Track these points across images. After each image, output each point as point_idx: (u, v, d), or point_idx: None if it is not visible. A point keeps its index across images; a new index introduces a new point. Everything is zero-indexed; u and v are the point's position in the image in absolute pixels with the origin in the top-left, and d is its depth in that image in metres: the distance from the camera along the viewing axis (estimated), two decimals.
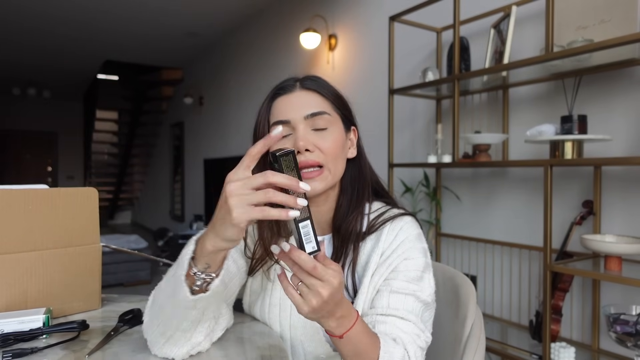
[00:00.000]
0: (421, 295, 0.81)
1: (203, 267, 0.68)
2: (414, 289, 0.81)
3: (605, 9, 1.58)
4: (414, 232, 0.87)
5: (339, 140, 0.85)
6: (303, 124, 0.82)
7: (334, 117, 0.86)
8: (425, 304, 0.82)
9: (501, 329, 2.02)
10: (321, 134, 0.83)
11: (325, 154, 0.82)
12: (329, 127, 0.84)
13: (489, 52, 1.99)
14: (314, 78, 0.89)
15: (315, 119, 0.83)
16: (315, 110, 0.84)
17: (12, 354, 0.74)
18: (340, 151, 0.85)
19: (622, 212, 1.68)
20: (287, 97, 0.86)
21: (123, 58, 6.66)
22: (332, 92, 0.88)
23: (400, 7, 2.37)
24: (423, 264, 0.84)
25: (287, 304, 0.87)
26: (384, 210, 0.90)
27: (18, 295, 0.91)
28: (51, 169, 9.98)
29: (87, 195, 1.01)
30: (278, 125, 0.83)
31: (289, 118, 0.83)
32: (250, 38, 4.93)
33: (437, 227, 2.36)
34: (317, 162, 0.81)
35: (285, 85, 0.87)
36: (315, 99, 0.85)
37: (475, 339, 0.91)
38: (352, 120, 0.92)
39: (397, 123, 2.59)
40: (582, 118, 1.59)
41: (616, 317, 1.37)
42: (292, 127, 0.83)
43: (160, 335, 0.73)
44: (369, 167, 0.94)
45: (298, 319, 0.86)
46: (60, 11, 4.66)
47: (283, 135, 0.83)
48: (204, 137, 6.24)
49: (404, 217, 0.89)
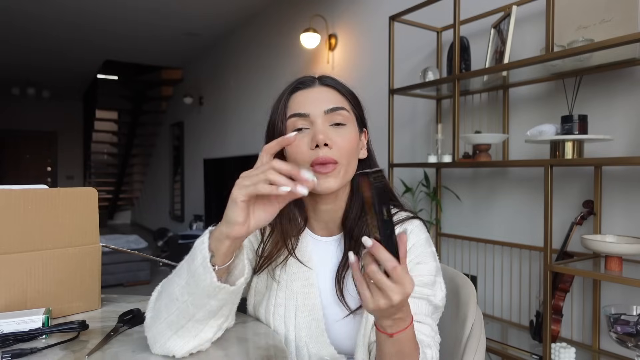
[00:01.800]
0: (434, 300, 0.82)
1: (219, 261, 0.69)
2: (427, 293, 0.81)
3: (606, 9, 1.58)
4: (423, 235, 0.87)
5: (354, 138, 0.85)
6: (322, 119, 0.83)
7: (351, 115, 0.87)
8: (435, 308, 0.83)
9: (501, 329, 2.02)
10: (338, 130, 0.83)
11: (341, 150, 0.82)
12: (347, 124, 0.85)
13: (489, 52, 1.99)
14: (332, 77, 0.90)
15: (334, 114, 0.84)
16: (335, 105, 0.84)
17: (11, 354, 0.73)
18: (354, 150, 0.86)
19: (623, 212, 1.68)
20: (307, 91, 0.86)
21: (123, 58, 6.66)
22: (349, 91, 0.90)
23: (400, 7, 2.36)
24: (435, 268, 0.85)
25: (292, 305, 0.87)
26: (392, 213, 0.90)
27: (17, 295, 0.91)
28: (51, 169, 9.97)
29: (86, 195, 1.01)
30: (296, 117, 0.84)
31: (308, 112, 0.83)
32: (250, 38, 4.93)
33: (437, 227, 2.36)
34: (333, 159, 0.81)
35: (305, 80, 0.89)
36: (334, 95, 0.86)
37: (476, 339, 0.91)
38: (365, 122, 0.93)
39: (397, 123, 2.59)
40: (583, 118, 1.59)
41: (617, 317, 1.36)
42: (310, 121, 0.83)
43: (169, 327, 0.71)
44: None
45: (303, 320, 0.86)
46: (60, 11, 4.66)
47: (299, 127, 0.84)
48: (203, 137, 6.24)
49: (413, 221, 0.89)
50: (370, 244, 0.59)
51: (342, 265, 0.87)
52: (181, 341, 0.72)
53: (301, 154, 0.82)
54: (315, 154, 0.80)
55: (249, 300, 0.94)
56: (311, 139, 0.81)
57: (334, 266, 0.89)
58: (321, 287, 0.88)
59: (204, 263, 0.67)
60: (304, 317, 0.86)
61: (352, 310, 0.85)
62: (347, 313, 0.85)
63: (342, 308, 0.85)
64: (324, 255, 0.91)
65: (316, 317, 0.85)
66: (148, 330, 0.74)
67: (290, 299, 0.87)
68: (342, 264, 0.87)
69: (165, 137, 8.13)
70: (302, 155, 0.82)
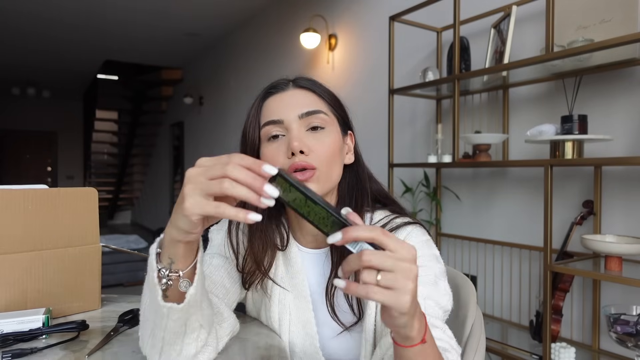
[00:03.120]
0: (440, 302, 0.75)
1: (167, 263, 0.59)
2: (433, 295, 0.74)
3: (606, 9, 1.58)
4: (419, 239, 0.80)
5: (335, 142, 0.79)
6: (297, 124, 0.77)
7: (331, 118, 0.81)
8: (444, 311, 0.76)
9: (501, 329, 2.02)
10: (316, 134, 0.77)
11: (320, 156, 0.76)
12: (325, 127, 0.79)
13: (489, 52, 1.99)
14: (308, 77, 0.84)
15: (311, 118, 0.77)
16: (310, 108, 0.78)
17: (11, 354, 0.73)
18: (336, 154, 0.79)
19: (623, 212, 1.68)
20: (280, 96, 0.80)
21: (123, 58, 6.66)
22: (328, 92, 0.83)
23: (401, 7, 2.36)
24: (437, 270, 0.77)
25: (286, 319, 0.84)
26: (386, 222, 0.83)
27: (17, 295, 0.91)
28: (51, 169, 9.97)
29: (86, 195, 1.01)
30: (270, 125, 0.78)
31: (281, 117, 0.77)
32: (250, 38, 4.93)
33: (437, 227, 2.36)
34: (311, 165, 0.74)
35: (278, 84, 0.82)
36: (310, 98, 0.80)
37: (476, 339, 0.91)
38: (349, 124, 0.87)
39: (397, 123, 2.59)
40: (583, 118, 1.59)
41: (616, 317, 1.36)
42: (285, 127, 0.77)
43: (152, 348, 0.65)
44: (367, 174, 0.88)
45: (296, 336, 0.83)
46: (60, 12, 4.66)
47: (273, 135, 0.78)
48: (203, 137, 6.24)
49: (406, 227, 0.81)
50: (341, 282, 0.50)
51: (331, 282, 0.81)
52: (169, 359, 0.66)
53: (278, 163, 0.75)
54: (292, 161, 0.75)
55: (248, 308, 0.93)
56: (287, 147, 0.75)
57: (324, 280, 0.84)
58: (315, 300, 0.84)
59: (151, 278, 0.59)
60: (298, 332, 0.83)
61: (346, 327, 0.80)
62: (342, 330, 0.81)
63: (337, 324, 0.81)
64: (314, 268, 0.85)
65: (310, 333, 0.82)
66: (142, 350, 0.69)
67: (284, 313, 0.84)
68: (330, 280, 0.82)
69: (165, 137, 8.13)
70: (279, 164, 0.75)
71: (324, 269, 0.85)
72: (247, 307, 0.93)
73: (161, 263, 0.59)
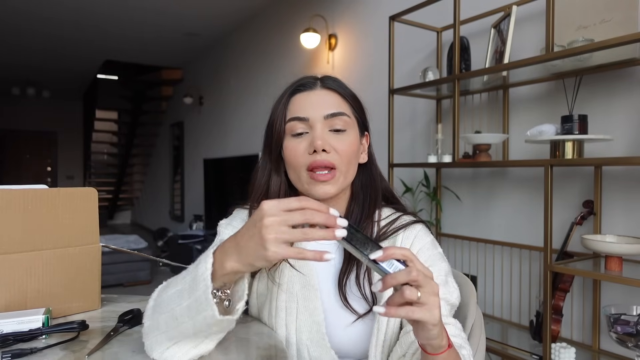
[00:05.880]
0: (450, 299, 0.82)
1: (219, 286, 0.66)
2: (443, 292, 0.80)
3: (606, 9, 1.58)
4: (427, 239, 0.87)
5: (354, 143, 0.85)
6: (321, 123, 0.82)
7: (352, 120, 0.86)
8: (452, 307, 0.83)
9: (501, 329, 2.02)
10: (338, 135, 0.83)
11: (340, 156, 0.82)
12: (347, 129, 0.84)
13: (489, 52, 1.99)
14: (334, 78, 0.88)
15: (334, 119, 0.83)
16: (335, 110, 0.83)
17: (11, 355, 0.73)
18: (354, 155, 0.85)
19: (623, 212, 1.68)
20: (307, 94, 0.85)
21: (123, 58, 6.66)
22: (352, 95, 0.88)
23: (401, 6, 2.36)
24: (445, 268, 0.85)
25: (293, 307, 0.85)
26: (394, 218, 0.89)
27: (17, 295, 0.91)
28: (51, 169, 9.97)
29: (86, 195, 1.01)
30: (295, 120, 0.83)
31: (307, 116, 0.82)
32: (250, 38, 4.93)
33: (437, 227, 2.36)
34: (331, 164, 0.81)
35: (306, 82, 0.87)
36: (335, 99, 0.85)
37: (476, 339, 0.91)
38: (367, 125, 0.92)
39: (397, 123, 2.59)
40: (583, 118, 1.59)
41: (617, 317, 1.36)
42: (309, 125, 0.82)
43: (169, 339, 0.70)
44: (379, 173, 0.94)
45: (304, 323, 0.84)
46: (60, 11, 4.66)
47: (298, 132, 0.83)
48: (203, 137, 6.24)
49: (416, 226, 0.88)
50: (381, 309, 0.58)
51: (343, 272, 0.85)
52: (180, 351, 0.70)
53: (299, 158, 0.82)
54: (313, 158, 0.81)
55: (251, 302, 0.93)
56: (309, 144, 0.81)
57: (335, 270, 0.88)
58: (323, 289, 0.87)
59: (206, 294, 0.63)
60: (305, 320, 0.84)
61: (360, 314, 0.83)
62: (352, 320, 0.83)
63: (349, 313, 0.84)
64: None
65: (317, 321, 0.84)
66: (146, 338, 0.72)
67: (291, 302, 0.86)
68: (343, 270, 0.85)
69: (165, 137, 8.13)
70: (300, 159, 0.82)
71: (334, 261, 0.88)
72: (250, 303, 0.93)
73: (213, 283, 0.64)
